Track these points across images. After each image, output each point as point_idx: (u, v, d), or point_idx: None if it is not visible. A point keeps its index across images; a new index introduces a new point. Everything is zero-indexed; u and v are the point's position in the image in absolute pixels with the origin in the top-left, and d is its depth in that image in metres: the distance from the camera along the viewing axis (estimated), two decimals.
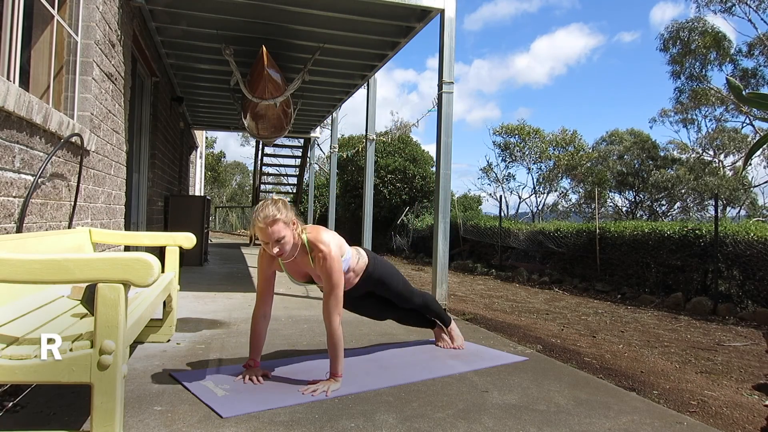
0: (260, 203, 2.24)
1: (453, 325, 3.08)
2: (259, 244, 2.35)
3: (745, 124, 20.12)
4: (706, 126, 21.54)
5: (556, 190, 21.36)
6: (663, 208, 19.56)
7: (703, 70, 18.88)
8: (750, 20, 18.10)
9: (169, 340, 2.91)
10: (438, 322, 3.05)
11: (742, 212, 18.44)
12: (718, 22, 19.06)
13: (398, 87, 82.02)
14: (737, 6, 17.84)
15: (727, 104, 19.51)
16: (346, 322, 3.61)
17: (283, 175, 19.11)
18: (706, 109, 20.65)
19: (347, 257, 2.47)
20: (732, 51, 18.55)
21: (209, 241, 10.14)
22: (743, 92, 1.04)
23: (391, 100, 66.52)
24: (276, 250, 2.17)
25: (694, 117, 21.38)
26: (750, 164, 18.47)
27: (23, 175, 2.15)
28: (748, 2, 17.56)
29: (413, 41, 5.90)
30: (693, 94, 19.56)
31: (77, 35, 3.06)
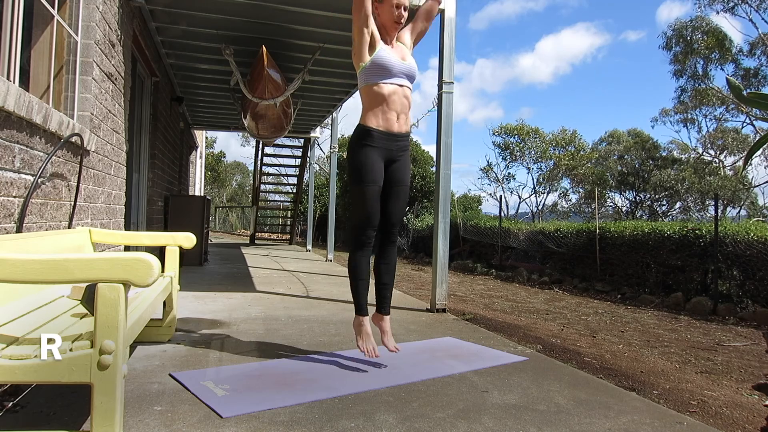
0: None
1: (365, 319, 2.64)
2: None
3: (745, 124, 20.14)
4: (707, 126, 21.57)
5: (556, 190, 21.38)
6: (663, 208, 19.56)
7: (707, 69, 18.90)
8: (751, 20, 18.12)
9: (169, 340, 2.91)
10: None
11: (743, 212, 18.45)
12: (720, 21, 19.10)
13: None
14: (739, 6, 17.86)
15: (728, 104, 19.52)
16: (344, 321, 3.62)
17: (283, 175, 19.13)
18: (707, 108, 20.67)
19: None
20: (734, 51, 18.57)
21: (209, 241, 10.14)
22: (743, 92, 1.04)
23: None
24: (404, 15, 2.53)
25: (695, 117, 21.41)
26: (750, 164, 18.48)
27: (23, 175, 2.15)
28: (749, 2, 17.57)
29: None
30: (695, 94, 19.57)
31: (77, 35, 3.06)
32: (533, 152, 20.72)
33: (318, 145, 19.63)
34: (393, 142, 2.53)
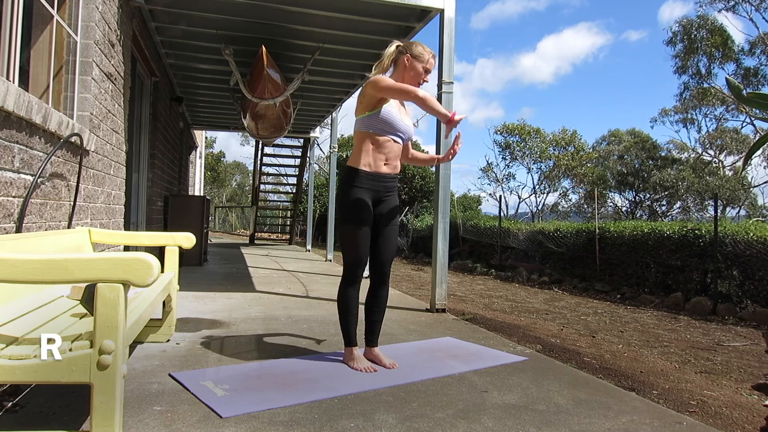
0: (417, 43, 2.65)
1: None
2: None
3: (745, 124, 20.15)
4: (706, 126, 21.59)
5: (556, 190, 21.39)
6: (663, 208, 19.57)
7: (710, 67, 18.92)
8: (751, 19, 18.15)
9: (168, 340, 2.91)
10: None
11: (742, 212, 18.46)
12: (721, 20, 19.11)
13: None
14: (740, 5, 17.89)
15: (728, 104, 19.53)
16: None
17: (283, 175, 19.12)
18: (707, 108, 20.69)
19: None
20: (735, 50, 18.59)
21: (209, 241, 10.14)
22: (743, 92, 1.04)
23: None
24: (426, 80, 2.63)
25: (695, 117, 21.42)
26: (750, 164, 18.49)
27: (23, 175, 2.15)
28: (750, 1, 17.60)
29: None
30: (697, 92, 19.59)
31: (77, 35, 3.06)
32: (534, 152, 20.74)
33: (318, 145, 19.64)
34: (380, 182, 2.58)
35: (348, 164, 2.60)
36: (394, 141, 2.59)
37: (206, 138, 25.17)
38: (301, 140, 12.62)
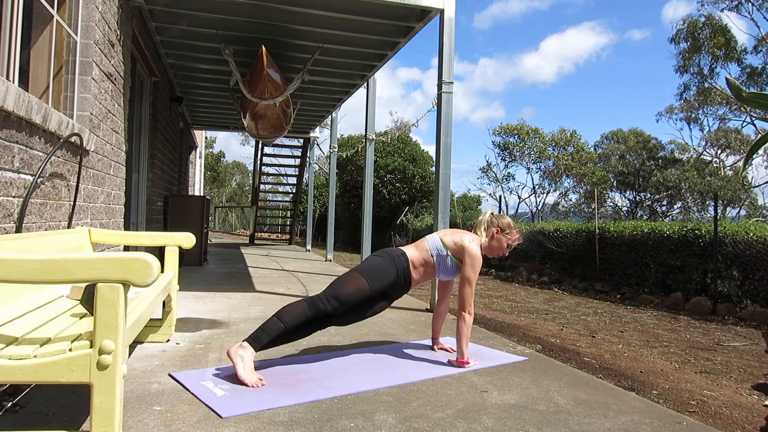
0: (508, 220, 2.88)
1: None
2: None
3: (746, 123, 20.16)
4: (708, 125, 21.61)
5: (556, 190, 21.40)
6: (663, 208, 19.57)
7: (713, 66, 18.91)
8: (752, 18, 18.16)
9: (168, 340, 2.91)
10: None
11: (742, 212, 18.46)
12: (724, 20, 19.13)
13: (403, 85, 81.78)
14: (743, 5, 17.91)
15: (731, 104, 19.54)
16: None
17: (283, 175, 19.13)
18: (709, 108, 20.70)
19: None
20: (738, 49, 18.60)
21: (209, 241, 10.14)
22: (743, 92, 1.04)
23: (395, 98, 66.27)
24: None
25: (698, 116, 21.44)
26: (751, 164, 18.48)
27: (22, 175, 2.15)
28: (753, 0, 17.61)
29: (417, 40, 5.93)
30: (700, 92, 19.59)
31: (77, 35, 3.06)
32: (532, 152, 20.74)
33: (318, 145, 19.65)
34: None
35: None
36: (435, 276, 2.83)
37: (206, 138, 25.17)
38: (301, 140, 12.62)
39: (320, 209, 17.68)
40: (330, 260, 8.84)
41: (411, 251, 2.74)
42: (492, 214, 2.89)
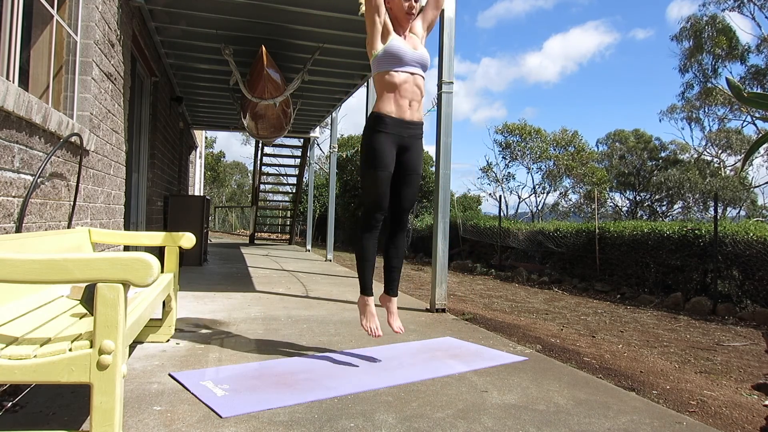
0: None
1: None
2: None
3: (746, 123, 20.16)
4: (709, 125, 21.61)
5: (556, 190, 21.40)
6: (663, 208, 19.58)
7: (716, 66, 18.92)
8: (754, 18, 18.17)
9: (168, 340, 2.91)
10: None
11: (742, 212, 18.46)
12: (726, 19, 19.13)
13: None
14: (745, 5, 17.92)
15: (733, 105, 19.54)
16: (344, 320, 3.62)
17: (283, 175, 19.12)
18: (710, 108, 20.71)
19: None
20: (740, 49, 18.61)
21: (209, 241, 10.14)
22: (743, 92, 1.04)
23: None
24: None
25: (699, 116, 21.45)
26: (750, 164, 18.49)
27: (22, 175, 2.15)
28: (754, 0, 17.62)
29: None
30: (704, 91, 19.59)
31: (77, 35, 3.06)
32: (534, 152, 20.74)
33: (318, 145, 19.65)
34: (405, 129, 2.60)
35: (373, 110, 2.62)
36: (411, 74, 2.59)
37: (206, 138, 25.17)
38: (301, 140, 12.62)
39: (320, 209, 17.69)
40: (330, 260, 8.84)
41: (388, 105, 2.58)
42: None
